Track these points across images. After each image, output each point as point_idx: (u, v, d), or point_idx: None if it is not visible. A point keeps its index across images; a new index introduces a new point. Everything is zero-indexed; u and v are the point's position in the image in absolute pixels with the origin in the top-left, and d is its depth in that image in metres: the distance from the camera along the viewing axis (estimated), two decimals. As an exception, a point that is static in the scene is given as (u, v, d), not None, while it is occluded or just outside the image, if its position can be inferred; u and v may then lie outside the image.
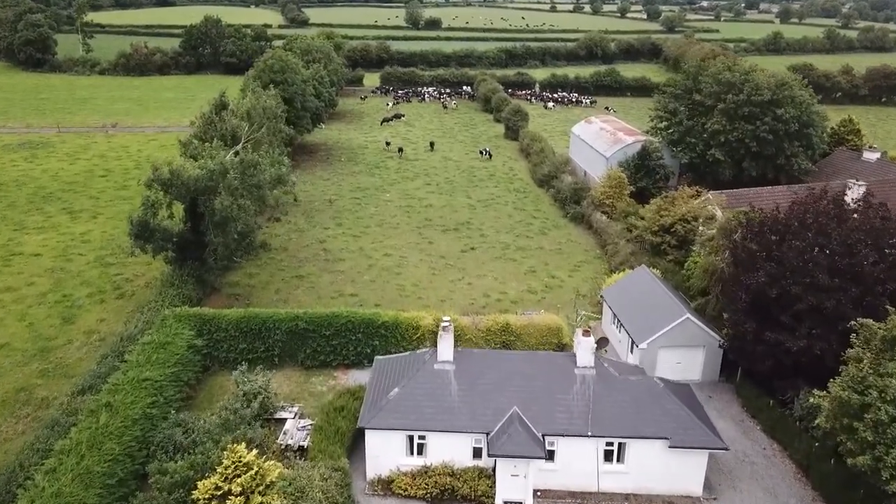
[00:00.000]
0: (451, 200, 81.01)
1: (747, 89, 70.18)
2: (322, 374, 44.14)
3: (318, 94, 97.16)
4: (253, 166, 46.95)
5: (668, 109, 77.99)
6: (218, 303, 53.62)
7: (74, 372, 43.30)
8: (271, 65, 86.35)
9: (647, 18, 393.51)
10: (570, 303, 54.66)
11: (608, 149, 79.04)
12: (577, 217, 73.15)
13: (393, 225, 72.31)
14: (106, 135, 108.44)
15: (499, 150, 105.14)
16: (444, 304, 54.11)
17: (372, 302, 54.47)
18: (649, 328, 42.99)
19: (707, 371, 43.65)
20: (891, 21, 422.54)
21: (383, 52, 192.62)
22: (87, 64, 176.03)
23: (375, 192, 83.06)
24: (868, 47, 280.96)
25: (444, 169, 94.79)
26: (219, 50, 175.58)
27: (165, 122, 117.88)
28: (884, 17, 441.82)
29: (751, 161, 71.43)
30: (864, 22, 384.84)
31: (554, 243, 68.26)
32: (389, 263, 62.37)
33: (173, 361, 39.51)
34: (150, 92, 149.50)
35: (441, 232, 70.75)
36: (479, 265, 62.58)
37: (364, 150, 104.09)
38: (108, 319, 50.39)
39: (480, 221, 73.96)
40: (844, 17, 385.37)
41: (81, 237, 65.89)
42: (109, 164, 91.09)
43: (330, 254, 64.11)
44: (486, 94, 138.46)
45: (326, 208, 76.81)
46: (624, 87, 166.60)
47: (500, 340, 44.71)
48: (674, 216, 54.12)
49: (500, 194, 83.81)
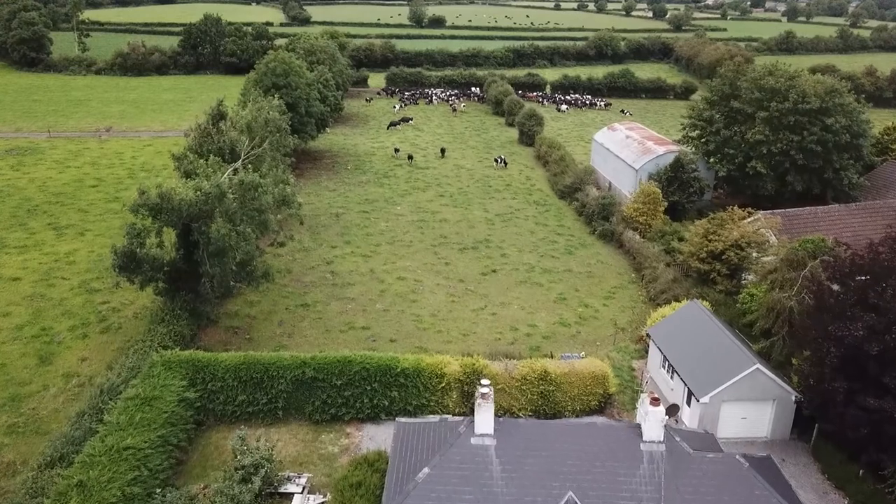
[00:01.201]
0: (466, 214, 75.22)
1: (793, 96, 64.34)
2: (333, 430, 38.38)
3: (324, 98, 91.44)
4: (254, 188, 41.23)
5: (703, 117, 72.03)
6: (215, 337, 47.95)
7: (48, 427, 37.59)
8: (273, 67, 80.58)
9: (654, 17, 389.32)
10: (609, 339, 48.91)
11: (637, 159, 73.21)
12: (606, 235, 67.31)
13: (406, 243, 66.55)
14: (99, 140, 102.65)
15: (513, 157, 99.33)
16: (467, 340, 48.40)
17: (386, 336, 48.75)
18: (711, 379, 37.24)
19: (777, 428, 37.89)
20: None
21: (388, 52, 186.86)
22: (83, 63, 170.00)
23: (385, 205, 77.28)
24: (882, 47, 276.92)
25: (456, 178, 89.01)
26: (219, 49, 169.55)
27: (162, 126, 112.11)
28: (892, 15, 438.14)
29: (795, 174, 65.66)
30: (873, 21, 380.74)
31: (583, 265, 62.47)
32: (404, 289, 56.60)
33: (161, 422, 33.77)
34: (147, 93, 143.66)
35: (458, 251, 64.98)
36: (502, 291, 56.81)
37: (371, 156, 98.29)
38: (91, 359, 44.64)
39: (500, 239, 68.16)
40: (853, 15, 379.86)
41: (66, 258, 60.13)
42: (101, 173, 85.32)
43: (338, 277, 58.36)
44: (496, 96, 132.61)
45: (333, 223, 71.06)
46: (638, 89, 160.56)
47: (537, 391, 38.98)
48: (725, 241, 48.31)
49: (519, 207, 77.98)
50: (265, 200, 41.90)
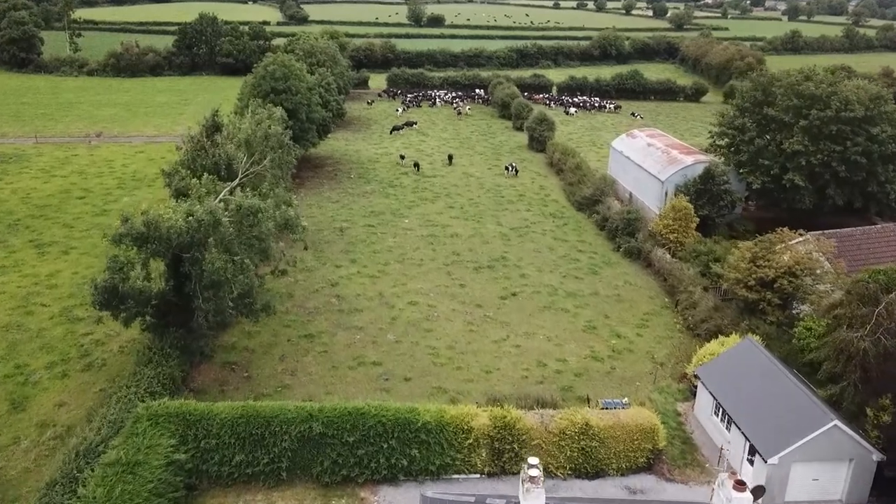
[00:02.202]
0: (479, 228, 70.30)
1: (835, 104, 59.57)
2: (345, 493, 33.46)
3: (325, 103, 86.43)
4: (253, 214, 36.33)
5: (735, 125, 67.10)
6: (209, 375, 43.05)
7: (17, 493, 32.69)
8: (272, 71, 75.51)
9: (654, 15, 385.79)
10: (647, 376, 44.11)
11: (663, 170, 68.36)
12: (633, 252, 62.43)
13: (416, 261, 61.63)
14: (88, 146, 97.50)
15: (524, 164, 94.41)
16: (490, 378, 43.55)
17: (400, 374, 43.89)
18: (780, 435, 32.44)
19: (854, 490, 33.11)
20: None
21: (388, 52, 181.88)
22: (75, 64, 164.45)
23: (392, 218, 72.33)
24: (888, 46, 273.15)
25: (466, 187, 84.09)
26: (215, 50, 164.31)
27: (155, 131, 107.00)
28: (892, 14, 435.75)
29: (836, 188, 60.94)
30: (875, 20, 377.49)
31: (609, 286, 57.59)
32: (416, 315, 51.68)
33: (145, 494, 28.88)
34: (140, 95, 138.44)
35: (473, 271, 60.09)
36: (524, 317, 51.91)
37: (375, 163, 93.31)
38: (70, 404, 39.72)
39: (518, 256, 63.28)
40: (855, 14, 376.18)
41: (48, 280, 55.12)
42: (89, 183, 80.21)
43: (344, 302, 53.45)
44: (503, 99, 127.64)
45: (337, 239, 66.10)
46: (647, 91, 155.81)
47: (577, 447, 34.17)
48: (777, 268, 43.44)
49: (534, 220, 73.07)
50: (266, 227, 37.00)
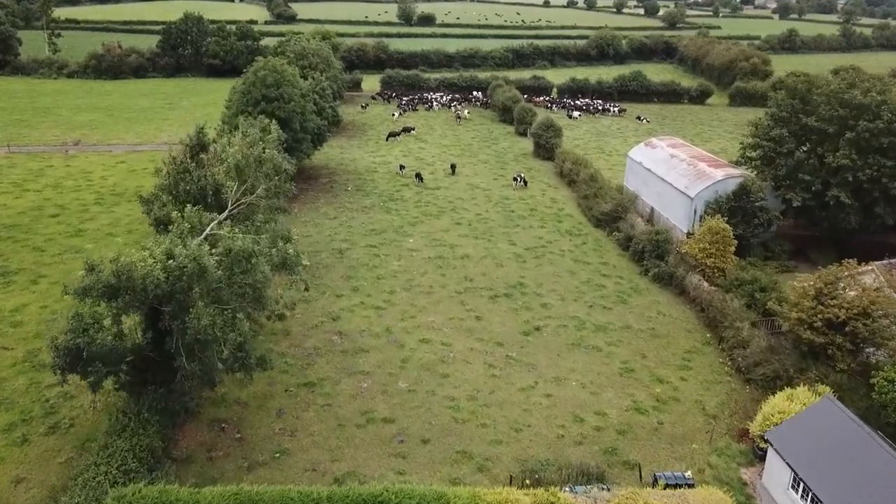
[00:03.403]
0: (490, 248, 64.50)
1: (887, 115, 54.15)
2: None
3: (320, 110, 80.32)
4: (246, 259, 30.36)
5: (770, 136, 61.49)
6: (195, 437, 37.01)
7: None
8: (263, 77, 69.35)
9: (645, 14, 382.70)
10: (701, 433, 38.43)
11: (691, 185, 62.72)
12: (663, 278, 56.75)
13: (424, 288, 55.74)
14: (65, 156, 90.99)
15: (531, 174, 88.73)
16: (521, 438, 37.76)
17: (416, 434, 38.01)
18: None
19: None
20: (889, 17, 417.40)
21: (381, 52, 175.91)
22: (54, 66, 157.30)
23: (395, 237, 66.41)
24: (884, 45, 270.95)
25: (472, 200, 78.25)
26: (201, 50, 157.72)
27: (137, 139, 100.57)
28: (882, 12, 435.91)
29: (886, 206, 55.57)
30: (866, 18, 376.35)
31: (641, 318, 51.87)
32: (430, 357, 45.74)
33: None
34: (122, 99, 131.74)
35: (489, 300, 54.26)
36: (552, 358, 46.10)
37: (373, 174, 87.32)
38: (30, 479, 33.55)
39: (537, 282, 57.49)
40: (846, 13, 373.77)
41: (11, 317, 48.80)
42: (64, 198, 73.79)
43: (347, 340, 47.46)
44: (504, 102, 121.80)
45: (336, 262, 60.15)
46: (651, 93, 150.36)
47: (640, 540, 28.52)
48: (848, 308, 37.86)
49: (550, 238, 67.29)
50: (261, 274, 31.03)
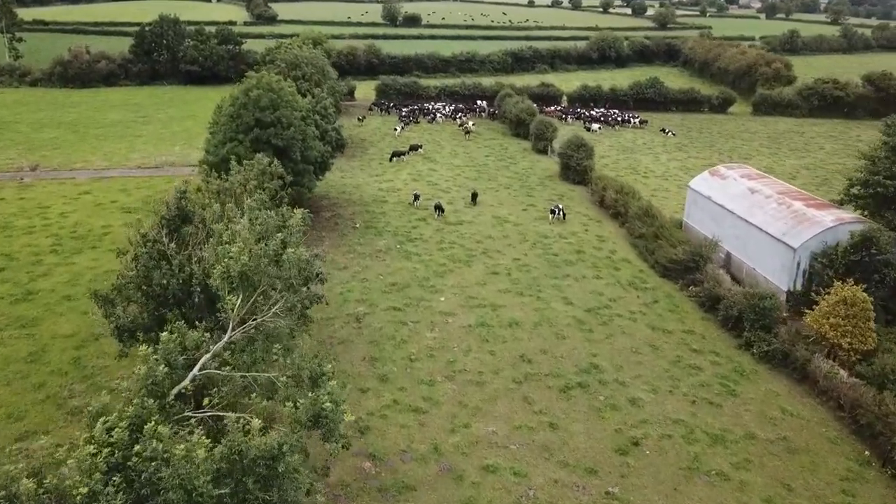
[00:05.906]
0: (542, 309, 52.07)
1: None
2: None
3: (323, 133, 67.54)
4: (267, 462, 17.51)
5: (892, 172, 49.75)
6: None
7: None
8: (256, 98, 56.50)
9: (633, 14, 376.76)
10: None
11: (792, 232, 50.75)
12: (773, 357, 44.75)
13: (472, 375, 43.18)
14: (19, 184, 77.59)
15: (564, 202, 76.68)
16: None
17: None
18: None
19: None
20: (872, 16, 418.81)
21: (373, 57, 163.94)
22: (15, 73, 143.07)
23: (422, 293, 53.90)
24: (885, 46, 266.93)
25: (504, 239, 65.93)
26: (178, 56, 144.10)
27: (105, 162, 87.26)
28: (865, 12, 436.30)
29: None
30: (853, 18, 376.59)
31: (763, 420, 39.65)
32: (502, 499, 33.10)
33: None
34: (90, 111, 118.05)
35: (559, 392, 41.78)
36: (669, 495, 33.50)
37: (382, 204, 74.71)
38: None
39: (614, 363, 45.04)
40: (834, 13, 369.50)
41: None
42: (12, 245, 60.51)
43: (383, 468, 34.81)
44: (518, 115, 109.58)
45: (355, 335, 47.50)
46: (669, 101, 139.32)
47: None
48: None
49: (612, 295, 54.92)
50: (285, 463, 18.34)
